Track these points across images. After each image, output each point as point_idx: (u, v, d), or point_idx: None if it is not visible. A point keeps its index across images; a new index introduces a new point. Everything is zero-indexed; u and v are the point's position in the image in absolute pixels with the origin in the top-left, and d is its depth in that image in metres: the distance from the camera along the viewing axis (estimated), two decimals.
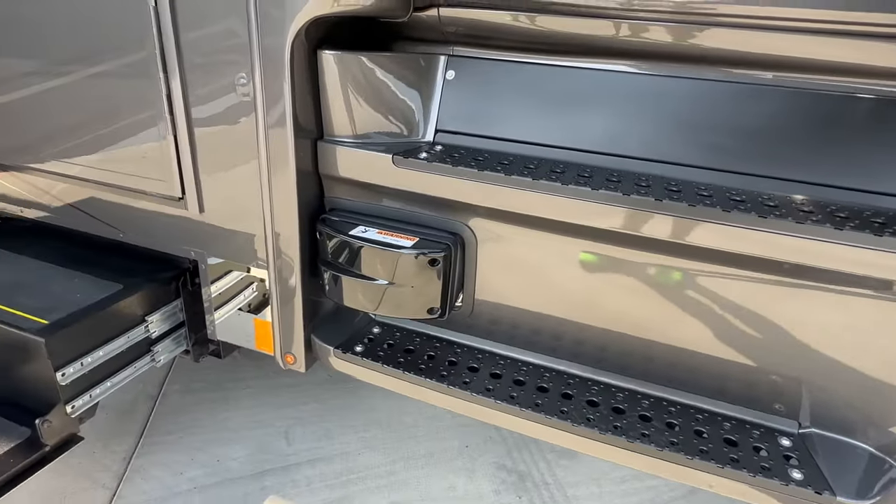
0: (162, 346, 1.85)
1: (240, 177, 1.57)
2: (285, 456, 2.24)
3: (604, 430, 1.40)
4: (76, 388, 1.58)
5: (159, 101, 1.55)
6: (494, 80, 1.55)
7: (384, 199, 1.58)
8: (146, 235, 1.84)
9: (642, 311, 1.46)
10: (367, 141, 1.52)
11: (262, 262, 1.67)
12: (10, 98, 1.84)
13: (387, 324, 1.80)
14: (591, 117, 1.48)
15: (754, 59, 1.33)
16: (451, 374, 1.58)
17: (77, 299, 1.66)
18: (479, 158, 1.44)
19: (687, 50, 1.35)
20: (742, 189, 1.32)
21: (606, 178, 1.35)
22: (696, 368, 1.47)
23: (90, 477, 2.06)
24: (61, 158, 1.83)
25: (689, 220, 1.22)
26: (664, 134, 1.42)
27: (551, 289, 1.53)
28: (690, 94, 1.41)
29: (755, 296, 1.34)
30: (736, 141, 1.37)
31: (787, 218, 1.16)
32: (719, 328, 1.41)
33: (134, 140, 1.68)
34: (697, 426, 1.43)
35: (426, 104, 1.58)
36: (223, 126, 1.54)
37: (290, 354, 1.73)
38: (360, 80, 1.47)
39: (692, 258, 1.34)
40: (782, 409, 1.44)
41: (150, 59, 1.51)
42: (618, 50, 1.43)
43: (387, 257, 1.48)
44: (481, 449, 2.34)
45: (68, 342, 1.54)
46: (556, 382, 1.56)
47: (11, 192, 2.01)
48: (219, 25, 1.44)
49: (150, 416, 2.38)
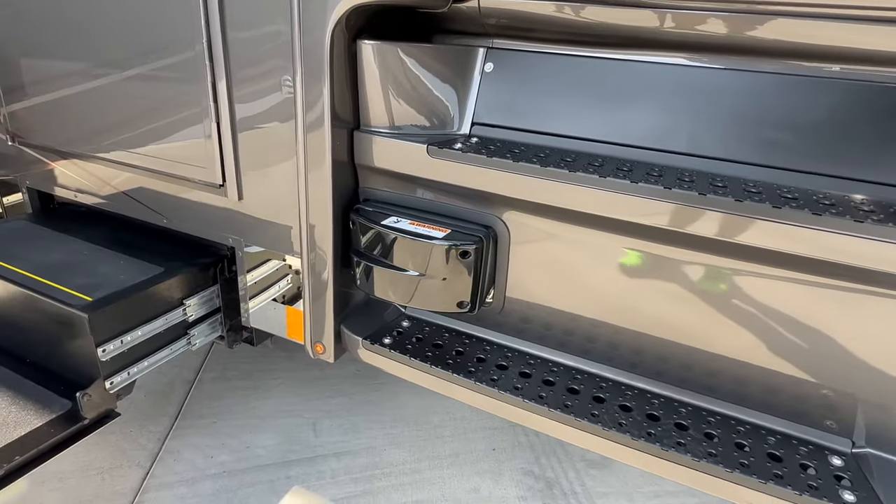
0: (198, 331, 1.90)
1: (277, 166, 1.60)
2: (312, 447, 2.25)
3: (636, 436, 1.34)
4: (115, 364, 1.63)
5: (205, 93, 1.60)
6: (533, 73, 1.53)
7: (418, 190, 1.58)
8: (188, 222, 1.90)
9: (682, 314, 1.39)
10: (404, 131, 1.52)
11: (296, 252, 1.69)
12: (68, 92, 1.94)
13: (416, 317, 1.78)
14: (632, 111, 1.43)
15: (812, 50, 1.25)
16: (479, 371, 1.55)
17: (120, 280, 1.72)
18: (514, 151, 1.42)
19: (739, 41, 1.28)
20: (795, 186, 1.24)
21: (647, 172, 1.30)
22: (738, 377, 1.39)
23: (126, 454, 2.13)
24: (113, 148, 1.91)
25: (735, 217, 1.15)
26: (709, 128, 1.36)
27: (586, 288, 1.48)
28: (738, 86, 1.34)
29: (807, 302, 1.26)
30: (788, 136, 1.29)
31: (844, 216, 1.08)
32: (766, 335, 1.33)
33: (180, 129, 1.74)
34: (738, 438, 1.35)
35: (463, 96, 1.57)
36: (263, 115, 1.57)
37: (319, 344, 1.74)
38: (397, 70, 1.47)
39: (737, 258, 1.27)
40: (834, 425, 1.34)
41: (198, 54, 1.56)
42: (664, 41, 1.38)
43: (418, 248, 1.47)
44: (509, 453, 2.29)
45: (110, 320, 1.59)
46: (588, 385, 1.51)
47: (67, 179, 2.12)
48: (263, 22, 1.47)
49: (186, 399, 2.44)
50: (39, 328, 1.70)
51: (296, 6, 1.36)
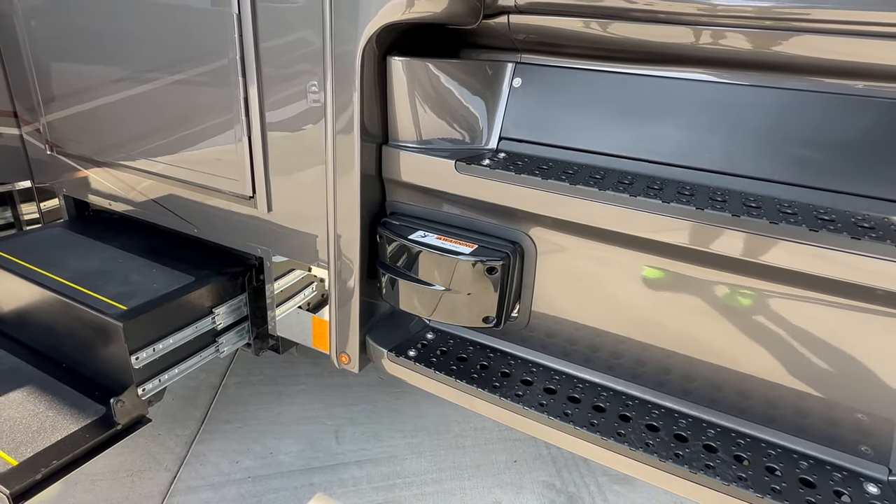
0: (226, 338, 1.93)
1: (307, 178, 1.62)
2: (334, 454, 2.27)
3: (664, 457, 1.32)
4: (148, 371, 1.68)
5: (237, 105, 1.63)
6: (562, 88, 1.52)
7: (445, 205, 1.58)
8: (218, 232, 1.94)
9: (712, 334, 1.37)
10: (431, 146, 1.53)
11: (323, 263, 1.71)
12: (102, 102, 2.00)
13: (441, 330, 1.79)
14: (663, 127, 1.42)
15: (847, 67, 1.23)
16: (503, 386, 1.55)
17: (153, 289, 1.76)
18: (543, 167, 1.41)
19: (772, 58, 1.27)
20: (832, 208, 1.22)
21: (678, 190, 1.29)
22: (769, 399, 1.37)
23: (154, 458, 2.17)
24: (146, 157, 1.96)
25: (769, 239, 1.14)
26: (743, 146, 1.34)
27: (613, 305, 1.47)
28: (772, 104, 1.32)
29: (843, 325, 1.23)
30: (825, 155, 1.27)
31: (884, 241, 1.05)
32: (799, 358, 1.30)
33: (211, 141, 1.78)
34: (769, 462, 1.32)
35: (491, 111, 1.57)
36: (294, 129, 1.60)
37: (344, 354, 1.76)
38: (426, 86, 1.49)
39: (771, 280, 1.25)
40: (869, 451, 1.31)
41: (231, 69, 1.60)
42: (695, 58, 1.37)
43: (444, 263, 1.47)
44: (530, 465, 2.28)
45: (144, 328, 1.64)
46: (614, 403, 1.50)
47: (101, 187, 2.18)
48: (295, 34, 1.50)
49: (212, 404, 2.48)
50: (75, 334, 1.76)
51: (328, 23, 1.38)
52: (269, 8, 1.49)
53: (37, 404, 1.65)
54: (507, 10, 1.42)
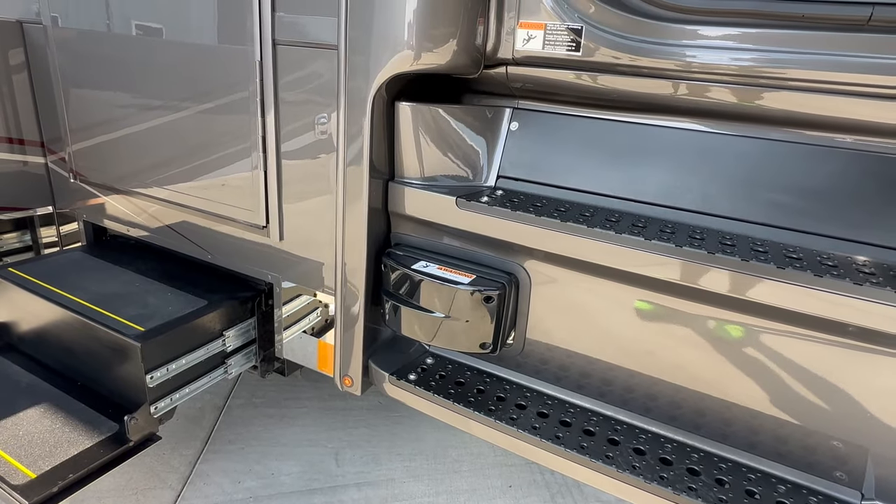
0: (234, 360, 2.02)
1: (317, 210, 1.74)
2: (334, 476, 2.32)
3: (649, 479, 1.40)
4: (161, 391, 1.76)
5: (255, 142, 1.76)
6: (555, 132, 1.66)
7: (446, 238, 1.70)
8: (231, 258, 2.05)
9: (697, 363, 1.46)
10: (434, 183, 1.65)
11: (330, 289, 1.82)
12: (126, 133, 2.13)
13: (440, 355, 1.88)
14: (648, 170, 1.54)
15: (816, 120, 1.36)
16: (498, 410, 1.63)
17: (169, 311, 1.86)
18: (537, 204, 1.53)
19: (747, 110, 1.40)
20: (800, 246, 1.33)
21: (660, 228, 1.40)
22: (750, 426, 1.45)
23: (159, 476, 2.23)
24: (164, 185, 2.08)
25: (741, 275, 1.24)
26: (721, 189, 1.46)
27: (602, 334, 1.57)
28: (748, 151, 1.44)
29: (817, 357, 1.32)
30: (795, 199, 1.38)
31: (844, 278, 1.16)
32: (776, 387, 1.39)
33: (227, 172, 1.90)
34: (749, 486, 1.40)
35: (490, 152, 1.70)
36: (307, 166, 1.73)
37: (348, 377, 1.85)
38: (431, 128, 1.62)
39: (747, 313, 1.35)
40: (844, 477, 1.38)
41: (252, 112, 1.74)
42: (676, 108, 1.50)
43: (445, 292, 1.58)
44: (525, 491, 2.33)
45: (159, 349, 1.73)
46: (603, 427, 1.58)
47: (120, 214, 2.30)
48: (312, 78, 1.64)
49: (216, 425, 2.55)
50: (93, 354, 1.85)
51: (342, 70, 1.51)
52: (288, 51, 1.63)
53: (53, 420, 1.73)
54: (505, 62, 1.57)
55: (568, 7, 1.44)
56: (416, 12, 1.42)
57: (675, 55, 1.38)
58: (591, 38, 1.43)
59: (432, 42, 1.45)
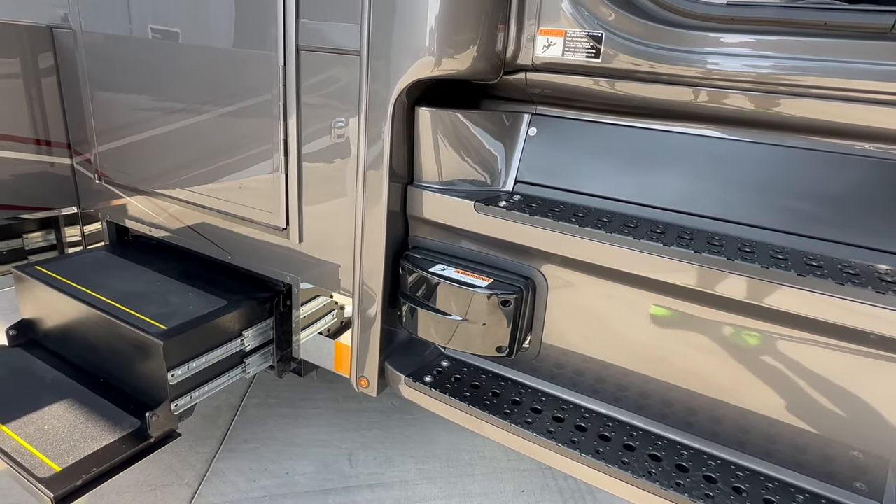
0: (252, 360, 2.05)
1: (337, 213, 1.77)
2: (347, 477, 2.34)
3: (665, 486, 1.39)
4: (181, 388, 1.79)
5: (276, 144, 1.80)
6: (573, 138, 1.67)
7: (463, 242, 1.71)
8: (250, 259, 2.08)
9: (713, 369, 1.46)
10: (453, 188, 1.67)
11: (347, 291, 1.84)
12: (151, 135, 2.19)
13: (455, 358, 1.89)
14: (666, 176, 1.55)
15: (837, 128, 1.36)
16: (514, 413, 1.63)
17: (190, 310, 1.90)
18: (555, 209, 1.54)
19: (767, 117, 1.40)
20: (820, 254, 1.32)
21: (679, 234, 1.40)
22: (768, 434, 1.44)
23: (177, 473, 2.27)
24: (186, 187, 2.13)
25: (761, 282, 1.24)
26: (740, 196, 1.46)
27: (618, 339, 1.57)
28: (767, 157, 1.44)
29: (837, 366, 1.31)
30: (815, 206, 1.38)
31: (866, 287, 1.15)
32: (795, 396, 1.38)
33: (248, 175, 1.94)
34: (767, 494, 1.39)
35: (508, 157, 1.72)
36: (328, 169, 1.75)
37: (364, 378, 1.87)
38: (450, 133, 1.64)
39: (766, 320, 1.35)
40: (864, 488, 1.37)
41: (274, 116, 1.77)
42: (695, 114, 1.50)
43: (462, 295, 1.59)
44: (538, 496, 2.33)
45: (181, 347, 1.76)
46: (619, 432, 1.58)
47: (143, 214, 2.35)
48: (333, 83, 1.67)
49: (232, 424, 2.58)
50: (116, 351, 1.89)
51: (364, 77, 1.54)
52: (311, 56, 1.66)
53: (77, 416, 1.77)
54: (524, 69, 1.58)
55: (588, 14, 1.46)
56: (438, 19, 1.44)
57: (695, 62, 1.39)
58: (611, 45, 1.44)
59: (453, 48, 1.48)
